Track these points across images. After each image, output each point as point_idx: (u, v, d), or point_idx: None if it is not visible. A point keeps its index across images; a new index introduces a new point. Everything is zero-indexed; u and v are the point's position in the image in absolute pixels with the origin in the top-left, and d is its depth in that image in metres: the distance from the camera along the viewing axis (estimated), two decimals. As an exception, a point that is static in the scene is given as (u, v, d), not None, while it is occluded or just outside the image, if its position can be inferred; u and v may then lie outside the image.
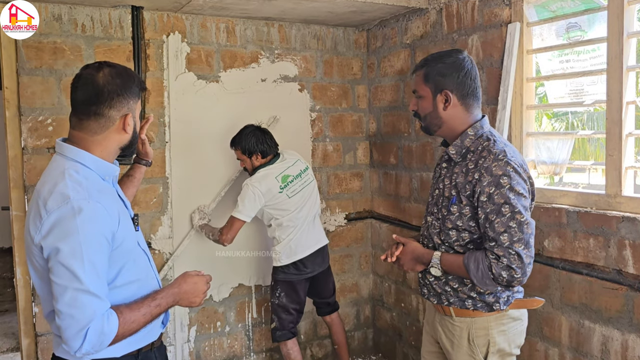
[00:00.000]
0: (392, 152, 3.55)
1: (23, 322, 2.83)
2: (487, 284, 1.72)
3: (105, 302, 1.40)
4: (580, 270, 2.28)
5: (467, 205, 1.76)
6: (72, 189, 1.41)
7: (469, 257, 1.74)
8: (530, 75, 2.61)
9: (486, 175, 1.70)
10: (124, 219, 1.52)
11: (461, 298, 1.83)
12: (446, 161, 1.91)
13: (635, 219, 2.07)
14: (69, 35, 2.83)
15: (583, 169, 11.34)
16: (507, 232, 1.67)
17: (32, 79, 2.76)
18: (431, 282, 1.90)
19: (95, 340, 1.36)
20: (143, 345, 1.61)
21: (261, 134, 3.02)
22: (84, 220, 1.38)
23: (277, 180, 2.97)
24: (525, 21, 2.57)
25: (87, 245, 1.37)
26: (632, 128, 2.20)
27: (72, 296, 1.36)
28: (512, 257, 1.67)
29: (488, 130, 1.83)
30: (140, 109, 1.62)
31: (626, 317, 2.14)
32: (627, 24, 2.14)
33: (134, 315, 1.45)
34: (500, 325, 1.82)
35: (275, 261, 3.05)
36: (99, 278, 1.40)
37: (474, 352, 1.82)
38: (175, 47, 3.10)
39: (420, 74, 1.86)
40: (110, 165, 1.55)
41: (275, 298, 3.09)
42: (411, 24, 3.28)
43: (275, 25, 3.40)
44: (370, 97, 3.74)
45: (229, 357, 3.41)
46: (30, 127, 2.76)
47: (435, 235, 1.87)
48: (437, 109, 1.83)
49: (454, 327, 1.87)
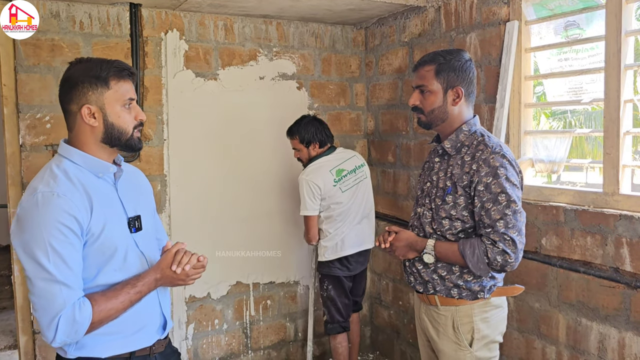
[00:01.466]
0: (390, 151, 3.55)
1: (21, 320, 2.83)
2: (481, 268, 1.80)
3: (76, 291, 1.41)
4: (577, 268, 2.29)
5: (462, 195, 1.84)
6: (43, 182, 1.44)
7: (464, 243, 1.82)
8: (529, 74, 2.62)
9: (484, 166, 1.79)
10: (103, 216, 1.49)
11: (447, 286, 1.90)
12: (439, 155, 1.98)
13: (633, 217, 2.08)
14: (67, 32, 2.82)
15: (581, 168, 11.36)
16: (502, 219, 1.76)
17: (30, 76, 2.76)
18: (419, 269, 1.96)
19: (68, 330, 1.39)
20: (135, 349, 1.58)
21: (319, 123, 3.07)
22: (46, 212, 1.39)
23: (331, 174, 3.01)
24: (524, 19, 2.57)
25: (50, 235, 1.38)
26: (629, 126, 2.20)
27: (40, 287, 1.38)
28: (506, 242, 1.75)
29: (480, 128, 1.93)
30: (123, 97, 1.52)
31: (623, 315, 2.15)
32: (625, 22, 2.14)
33: (111, 303, 1.46)
34: (483, 313, 1.90)
35: (320, 255, 3.09)
36: (68, 268, 1.40)
37: (459, 338, 1.89)
38: (174, 44, 3.10)
39: (431, 69, 1.89)
40: (99, 162, 1.53)
41: (324, 291, 3.12)
42: (409, 22, 3.28)
43: (274, 23, 3.39)
44: (369, 95, 3.74)
45: (227, 355, 3.41)
46: (28, 124, 2.76)
47: (427, 224, 1.94)
48: (446, 104, 1.90)
49: (439, 316, 1.94)
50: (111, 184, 1.57)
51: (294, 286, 3.61)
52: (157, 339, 1.64)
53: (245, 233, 3.37)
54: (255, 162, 3.41)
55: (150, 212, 1.74)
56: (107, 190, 1.55)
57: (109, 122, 1.51)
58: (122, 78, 1.52)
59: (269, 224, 3.48)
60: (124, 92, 1.52)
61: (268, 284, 3.51)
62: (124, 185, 1.62)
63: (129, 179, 1.68)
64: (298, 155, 3.13)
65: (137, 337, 1.58)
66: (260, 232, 3.42)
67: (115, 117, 1.51)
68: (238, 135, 3.34)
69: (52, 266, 1.37)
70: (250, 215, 3.40)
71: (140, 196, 1.70)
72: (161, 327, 1.67)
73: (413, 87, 1.96)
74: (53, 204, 1.40)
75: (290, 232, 3.53)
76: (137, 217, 1.60)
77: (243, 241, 3.37)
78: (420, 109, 1.94)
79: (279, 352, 3.59)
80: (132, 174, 1.73)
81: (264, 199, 3.46)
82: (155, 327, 1.64)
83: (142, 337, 1.59)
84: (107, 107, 1.50)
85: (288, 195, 3.51)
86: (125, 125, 1.53)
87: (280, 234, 3.51)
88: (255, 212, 3.43)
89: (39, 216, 1.39)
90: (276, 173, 3.47)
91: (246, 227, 3.38)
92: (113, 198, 1.56)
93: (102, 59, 1.54)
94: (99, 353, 1.52)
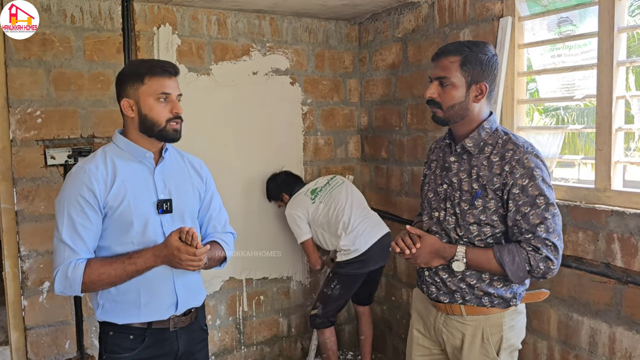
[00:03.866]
0: (383, 146, 3.55)
1: (12, 316, 2.81)
2: (520, 276, 1.68)
3: (77, 254, 1.64)
4: (569, 263, 2.30)
5: (493, 198, 1.70)
6: (84, 160, 1.73)
7: (501, 250, 1.69)
8: (522, 70, 2.62)
9: (518, 168, 1.66)
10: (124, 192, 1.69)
11: (477, 295, 1.76)
12: (456, 155, 1.81)
13: (624, 213, 2.09)
14: (58, 26, 2.80)
15: (573, 165, 11.42)
16: (543, 223, 1.65)
17: (20, 70, 2.73)
18: (443, 278, 1.80)
19: (63, 282, 1.64)
20: (149, 320, 1.74)
21: (278, 177, 3.35)
22: (73, 183, 1.67)
23: (306, 196, 3.23)
24: (517, 15, 2.57)
25: (69, 204, 1.65)
26: (621, 123, 2.21)
27: (54, 243, 1.67)
28: (549, 248, 1.65)
29: (500, 126, 1.80)
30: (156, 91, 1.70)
31: (614, 310, 2.16)
32: (618, 18, 2.15)
33: (104, 268, 1.65)
34: (511, 321, 1.79)
35: (340, 256, 3.11)
36: (76, 233, 1.64)
37: (488, 350, 1.77)
38: (166, 39, 3.08)
39: (456, 60, 1.70)
40: (137, 147, 1.75)
41: (329, 289, 3.14)
42: (403, 17, 3.28)
43: (267, 17, 3.38)
44: (362, 91, 3.73)
45: (220, 351, 3.41)
46: (18, 119, 2.73)
47: (452, 230, 1.79)
48: (468, 100, 1.72)
49: (465, 326, 1.80)
50: (150, 168, 1.77)
51: (287, 282, 3.61)
52: (172, 314, 1.78)
53: (238, 229, 3.35)
54: (248, 157, 3.39)
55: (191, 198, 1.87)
56: (143, 172, 1.76)
57: (143, 113, 1.71)
58: (155, 75, 1.70)
59: (262, 219, 3.47)
60: (157, 87, 1.70)
61: (261, 279, 3.51)
62: (165, 170, 1.81)
63: (175, 165, 1.86)
64: (280, 205, 3.40)
65: (148, 309, 1.73)
66: (253, 228, 3.41)
67: (148, 110, 1.71)
68: (231, 131, 3.32)
69: (64, 229, 1.64)
70: (243, 210, 3.40)
71: (183, 182, 1.86)
72: (174, 304, 1.78)
73: (431, 78, 1.77)
74: (79, 177, 1.67)
75: (282, 228, 3.52)
76: (167, 200, 1.77)
77: (238, 237, 3.35)
78: (437, 103, 1.74)
79: (272, 347, 3.59)
80: (185, 162, 1.92)
81: (257, 195, 3.45)
82: (167, 303, 1.77)
83: (153, 309, 1.74)
84: (141, 101, 1.70)
85: (281, 191, 3.51)
86: (157, 116, 1.71)
87: (273, 231, 3.51)
88: (248, 208, 3.42)
89: (67, 186, 1.68)
90: (269, 168, 3.46)
91: (239, 222, 3.36)
92: (147, 180, 1.75)
93: (146, 59, 1.80)
94: (116, 319, 1.73)
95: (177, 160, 1.90)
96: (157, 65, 1.72)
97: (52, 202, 2.81)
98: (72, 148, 2.81)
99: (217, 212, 1.99)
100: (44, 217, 2.80)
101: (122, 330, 1.73)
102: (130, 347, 1.73)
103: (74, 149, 2.81)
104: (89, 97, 2.88)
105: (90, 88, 2.88)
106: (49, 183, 2.80)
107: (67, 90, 2.82)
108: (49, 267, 2.83)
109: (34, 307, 2.82)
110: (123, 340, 1.73)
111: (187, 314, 1.84)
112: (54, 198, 2.82)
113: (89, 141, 2.88)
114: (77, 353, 2.93)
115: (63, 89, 2.81)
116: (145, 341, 1.74)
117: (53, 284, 1.67)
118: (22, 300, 2.80)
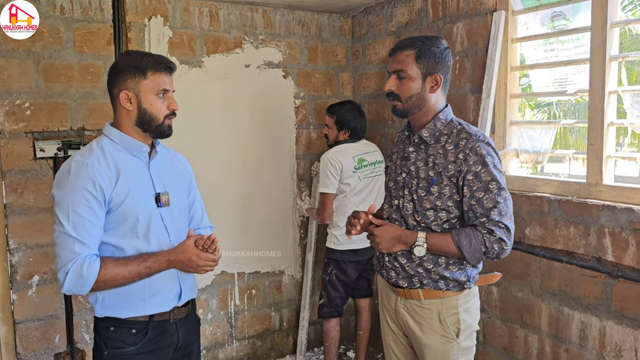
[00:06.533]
0: (376, 140, 3.54)
1: (1, 310, 2.79)
2: (477, 257, 1.77)
3: (89, 248, 1.61)
4: (560, 258, 2.31)
5: (448, 185, 1.80)
6: (81, 154, 1.69)
7: (459, 234, 1.78)
8: (515, 64, 2.62)
9: (472, 155, 1.76)
10: (127, 188, 1.67)
11: (434, 279, 1.86)
12: (414, 145, 1.91)
13: (615, 208, 2.10)
14: (48, 16, 2.76)
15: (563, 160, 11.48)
16: (496, 207, 1.74)
17: (9, 61, 2.69)
18: (402, 264, 1.89)
19: (75, 280, 1.58)
20: (152, 312, 1.74)
21: (359, 114, 3.14)
22: (76, 178, 1.62)
23: (353, 160, 3.06)
24: (511, 9, 2.57)
25: (75, 198, 1.61)
26: (614, 117, 2.21)
27: (58, 237, 1.61)
28: (502, 230, 1.74)
29: (455, 117, 1.91)
30: (158, 87, 1.70)
31: (604, 304, 2.17)
32: (611, 13, 2.15)
33: (119, 269, 1.63)
34: (465, 303, 1.89)
35: (331, 243, 3.10)
36: (83, 227, 1.60)
37: (447, 331, 1.86)
38: (157, 31, 3.04)
39: (411, 54, 1.82)
40: (133, 141, 1.73)
41: (327, 274, 3.14)
42: (396, 11, 3.26)
43: (260, 10, 3.35)
44: (355, 85, 3.72)
45: (211, 345, 3.40)
46: (7, 110, 2.70)
47: (409, 216, 1.88)
48: (425, 91, 1.84)
49: (423, 309, 1.89)
50: (144, 162, 1.76)
51: (279, 276, 3.60)
52: (173, 306, 1.79)
53: (229, 222, 3.34)
54: (240, 150, 3.38)
55: (182, 192, 1.90)
56: (139, 167, 1.75)
57: (142, 107, 1.70)
58: (158, 70, 1.70)
59: (254, 212, 3.46)
60: (159, 83, 1.71)
61: (253, 273, 3.50)
62: (158, 165, 1.80)
63: (167, 160, 1.87)
64: (327, 132, 3.21)
65: (153, 301, 1.74)
66: (244, 221, 3.40)
67: (148, 104, 1.71)
68: (223, 124, 3.30)
69: (70, 223, 1.59)
70: (236, 204, 3.38)
71: (175, 177, 1.88)
72: (177, 295, 1.80)
73: (389, 72, 1.88)
74: (83, 172, 1.63)
75: (275, 220, 3.52)
76: (165, 194, 1.77)
77: (230, 231, 3.34)
78: (396, 95, 1.85)
79: (263, 341, 3.59)
80: (173, 157, 1.93)
81: (250, 188, 3.43)
82: (171, 294, 1.78)
83: (158, 302, 1.75)
84: (142, 95, 1.70)
85: (274, 184, 3.50)
86: (157, 112, 1.72)
87: (266, 223, 3.50)
88: (240, 202, 3.41)
89: (69, 181, 1.62)
90: (261, 161, 3.45)
91: (231, 215, 3.35)
92: (144, 174, 1.75)
93: (145, 53, 1.75)
94: (120, 313, 1.71)
95: (167, 155, 1.91)
96: (161, 61, 1.72)
97: (42, 195, 2.78)
98: (61, 140, 2.78)
99: (200, 207, 2.02)
100: (33, 210, 2.77)
101: (123, 324, 1.72)
102: (133, 341, 1.73)
103: (63, 141, 2.77)
104: (79, 89, 2.85)
105: (80, 80, 2.84)
106: (38, 176, 2.77)
107: (56, 81, 2.79)
108: (39, 260, 2.80)
109: (23, 301, 2.79)
110: (125, 334, 1.72)
111: (186, 305, 1.86)
112: (44, 191, 2.82)
113: (79, 134, 2.85)
114: (67, 347, 2.91)
115: (52, 80, 2.78)
116: (148, 334, 1.74)
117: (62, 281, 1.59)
118: (11, 294, 2.78)
